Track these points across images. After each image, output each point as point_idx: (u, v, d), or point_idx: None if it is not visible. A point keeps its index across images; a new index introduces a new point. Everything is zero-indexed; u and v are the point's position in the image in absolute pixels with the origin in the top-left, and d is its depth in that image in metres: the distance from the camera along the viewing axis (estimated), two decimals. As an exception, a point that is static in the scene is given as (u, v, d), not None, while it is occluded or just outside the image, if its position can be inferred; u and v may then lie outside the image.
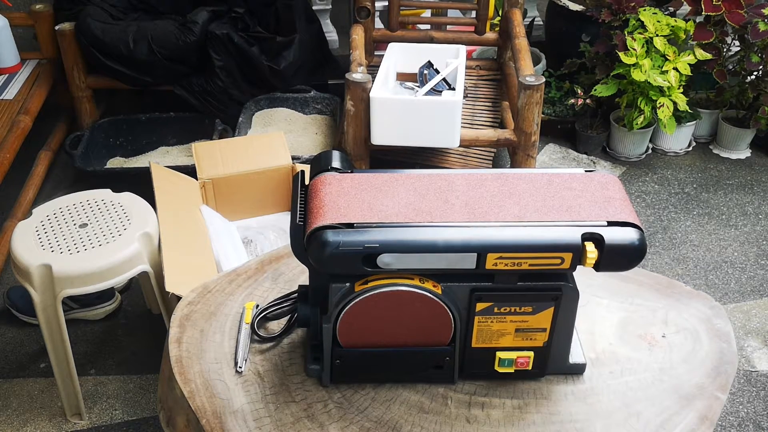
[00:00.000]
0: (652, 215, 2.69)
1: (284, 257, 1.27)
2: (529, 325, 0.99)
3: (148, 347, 2.14)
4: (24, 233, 1.74)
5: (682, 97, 2.66)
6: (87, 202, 1.85)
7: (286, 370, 1.06)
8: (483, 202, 0.95)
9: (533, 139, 2.37)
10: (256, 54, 2.77)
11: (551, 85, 3.10)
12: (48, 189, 2.74)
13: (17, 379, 2.05)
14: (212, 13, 2.80)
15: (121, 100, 3.11)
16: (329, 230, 0.89)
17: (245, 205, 2.17)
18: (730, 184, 2.86)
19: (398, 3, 2.78)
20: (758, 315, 2.27)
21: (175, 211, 1.90)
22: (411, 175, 1.00)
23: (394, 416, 0.99)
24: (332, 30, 3.45)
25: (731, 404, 1.99)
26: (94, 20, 2.74)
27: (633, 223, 0.92)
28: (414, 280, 0.94)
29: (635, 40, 2.62)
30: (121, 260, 1.70)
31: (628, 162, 2.97)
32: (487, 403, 1.02)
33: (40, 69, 2.88)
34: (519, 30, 2.64)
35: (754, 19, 2.61)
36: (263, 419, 0.98)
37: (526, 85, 2.26)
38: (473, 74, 2.92)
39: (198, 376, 1.04)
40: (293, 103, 2.88)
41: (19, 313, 2.20)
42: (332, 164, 1.01)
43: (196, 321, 1.14)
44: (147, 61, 2.71)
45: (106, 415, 1.95)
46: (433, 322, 0.97)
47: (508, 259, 0.90)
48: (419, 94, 2.36)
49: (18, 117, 2.58)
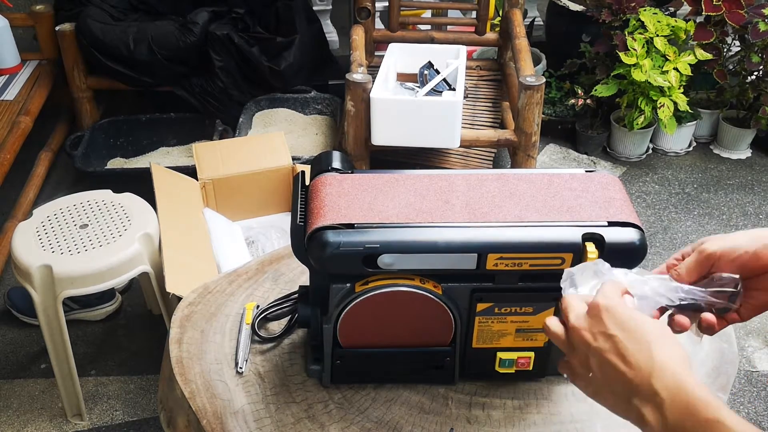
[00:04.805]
0: (652, 215, 2.69)
1: (285, 258, 1.27)
2: (529, 325, 0.99)
3: (148, 348, 2.14)
4: (24, 234, 1.74)
5: (683, 97, 2.66)
6: (87, 203, 1.85)
7: (287, 370, 1.06)
8: (483, 203, 0.95)
9: (533, 139, 2.37)
10: (256, 54, 2.77)
11: (551, 85, 3.10)
12: (48, 190, 2.74)
13: (18, 380, 2.05)
14: (212, 13, 2.80)
15: (121, 101, 3.11)
16: (330, 231, 0.89)
17: (246, 206, 2.17)
18: (730, 184, 2.86)
19: (398, 3, 2.78)
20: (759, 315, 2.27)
21: (175, 212, 1.90)
22: (411, 176, 1.00)
23: (395, 417, 0.99)
24: (332, 30, 3.45)
25: (732, 404, 1.99)
26: (94, 21, 2.74)
27: (633, 223, 0.92)
28: (414, 280, 0.94)
29: (635, 40, 2.62)
30: (122, 261, 1.70)
31: (629, 162, 2.97)
32: (488, 404, 1.02)
33: (40, 70, 2.88)
34: (519, 30, 2.64)
35: (755, 19, 2.61)
36: (264, 420, 0.98)
37: (526, 86, 2.26)
38: (473, 74, 2.92)
39: (198, 376, 1.04)
40: (293, 104, 2.88)
41: (20, 313, 2.20)
42: (333, 165, 1.01)
43: (197, 322, 1.14)
44: (147, 61, 2.71)
45: (106, 416, 1.95)
46: (433, 323, 0.97)
47: (508, 260, 0.90)
48: (419, 94, 2.36)
49: (18, 118, 2.58)
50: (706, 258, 0.79)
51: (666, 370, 0.64)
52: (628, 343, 0.67)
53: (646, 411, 0.64)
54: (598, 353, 0.69)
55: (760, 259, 0.77)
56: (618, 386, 0.67)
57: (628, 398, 0.66)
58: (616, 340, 0.68)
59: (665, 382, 0.64)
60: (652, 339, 0.67)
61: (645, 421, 0.64)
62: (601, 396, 0.70)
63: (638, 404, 0.65)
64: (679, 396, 0.63)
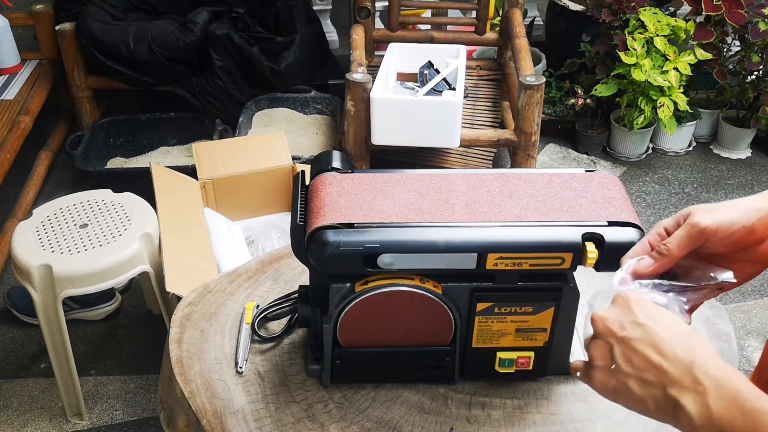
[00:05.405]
0: (652, 215, 2.69)
1: (285, 257, 1.27)
2: (529, 325, 0.99)
3: (148, 347, 2.14)
4: (24, 233, 1.74)
5: (683, 97, 2.66)
6: (87, 203, 1.85)
7: (287, 370, 1.06)
8: (483, 202, 0.95)
9: (533, 139, 2.37)
10: (256, 54, 2.77)
11: (551, 85, 3.10)
12: (48, 189, 2.74)
13: (18, 380, 2.05)
14: (212, 13, 2.80)
15: (121, 101, 3.11)
16: (330, 230, 0.89)
17: (245, 206, 2.17)
18: (730, 184, 2.86)
19: (398, 3, 2.78)
20: (758, 315, 2.27)
21: (175, 212, 1.90)
22: (411, 175, 1.00)
23: (395, 416, 0.99)
24: (332, 30, 3.45)
25: (732, 404, 1.99)
26: (94, 20, 2.74)
27: (633, 223, 0.92)
28: (414, 280, 0.94)
29: (635, 40, 2.62)
30: (122, 260, 1.70)
31: (629, 162, 2.97)
32: (488, 404, 1.02)
33: (40, 69, 2.88)
34: (519, 30, 2.64)
35: (755, 18, 2.61)
36: (264, 419, 0.98)
37: (526, 85, 2.26)
38: (473, 74, 2.92)
39: (198, 376, 1.04)
40: (293, 103, 2.88)
41: (20, 313, 2.20)
42: (332, 164, 1.01)
43: (197, 321, 1.14)
44: (147, 61, 2.71)
45: (106, 416, 1.95)
46: (433, 323, 0.97)
47: (508, 259, 0.90)
48: (419, 94, 2.36)
49: (18, 117, 2.58)
50: (699, 233, 0.75)
51: (709, 360, 0.63)
52: (662, 332, 0.65)
53: (686, 400, 0.62)
54: (626, 342, 0.66)
55: (754, 233, 0.75)
56: (649, 375, 0.65)
57: (662, 388, 0.64)
58: (648, 329, 0.66)
59: (708, 371, 0.62)
60: (687, 331, 0.66)
61: (683, 411, 0.62)
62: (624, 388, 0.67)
63: (675, 394, 0.63)
64: (725, 386, 0.61)
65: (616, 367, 0.67)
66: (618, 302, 0.70)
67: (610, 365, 0.68)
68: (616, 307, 0.70)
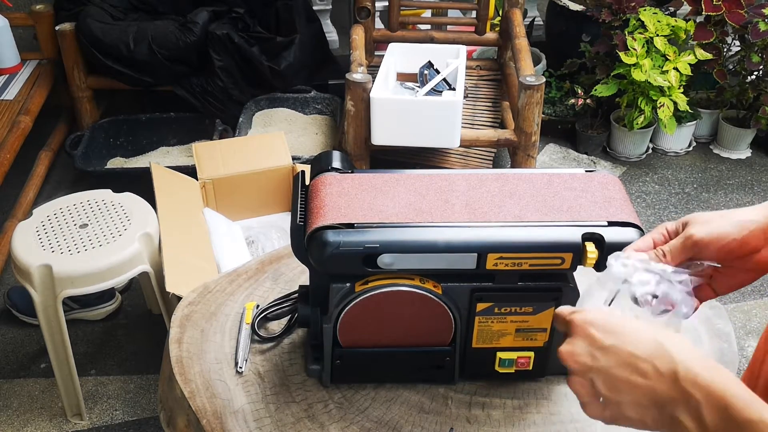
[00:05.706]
0: (652, 215, 2.69)
1: (285, 257, 1.27)
2: (529, 325, 0.99)
3: (148, 347, 2.14)
4: (24, 233, 1.74)
5: (683, 97, 2.66)
6: (87, 203, 1.85)
7: (287, 370, 1.06)
8: (483, 203, 0.95)
9: (533, 139, 2.37)
10: (256, 54, 2.77)
11: (551, 85, 3.10)
12: (48, 189, 2.74)
13: (18, 380, 2.05)
14: (212, 13, 2.80)
15: (121, 101, 3.11)
16: (330, 230, 0.89)
17: (245, 206, 2.17)
18: (730, 184, 2.86)
19: (398, 3, 2.78)
20: (758, 315, 2.27)
21: (175, 212, 1.90)
22: (411, 176, 1.00)
23: (395, 416, 0.99)
24: (332, 30, 3.45)
25: (732, 404, 1.99)
26: (94, 20, 2.74)
27: (633, 223, 0.92)
28: (414, 280, 0.94)
29: (635, 40, 2.62)
30: (122, 260, 1.70)
31: (629, 162, 2.97)
32: (488, 404, 1.02)
33: (40, 69, 2.88)
34: (519, 30, 2.64)
35: (755, 18, 2.61)
36: (264, 419, 0.98)
37: (526, 85, 2.26)
38: (473, 74, 2.92)
39: (198, 376, 1.04)
40: (293, 103, 2.88)
41: (20, 313, 2.20)
42: (332, 164, 1.01)
43: (197, 321, 1.14)
44: (147, 61, 2.71)
45: (106, 416, 1.95)
46: (433, 323, 0.97)
47: (508, 260, 0.90)
48: (419, 94, 2.36)
49: (18, 117, 2.58)
50: (693, 245, 0.77)
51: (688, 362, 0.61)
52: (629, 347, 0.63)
53: (681, 414, 0.60)
54: (603, 372, 0.64)
55: (747, 245, 0.77)
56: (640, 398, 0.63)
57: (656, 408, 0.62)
58: (616, 349, 0.64)
59: (695, 380, 0.60)
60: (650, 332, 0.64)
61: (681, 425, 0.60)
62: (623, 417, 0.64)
63: (670, 411, 0.61)
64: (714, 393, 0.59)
65: (604, 399, 0.66)
66: (576, 331, 0.68)
67: (598, 398, 0.66)
68: (577, 339, 0.68)
